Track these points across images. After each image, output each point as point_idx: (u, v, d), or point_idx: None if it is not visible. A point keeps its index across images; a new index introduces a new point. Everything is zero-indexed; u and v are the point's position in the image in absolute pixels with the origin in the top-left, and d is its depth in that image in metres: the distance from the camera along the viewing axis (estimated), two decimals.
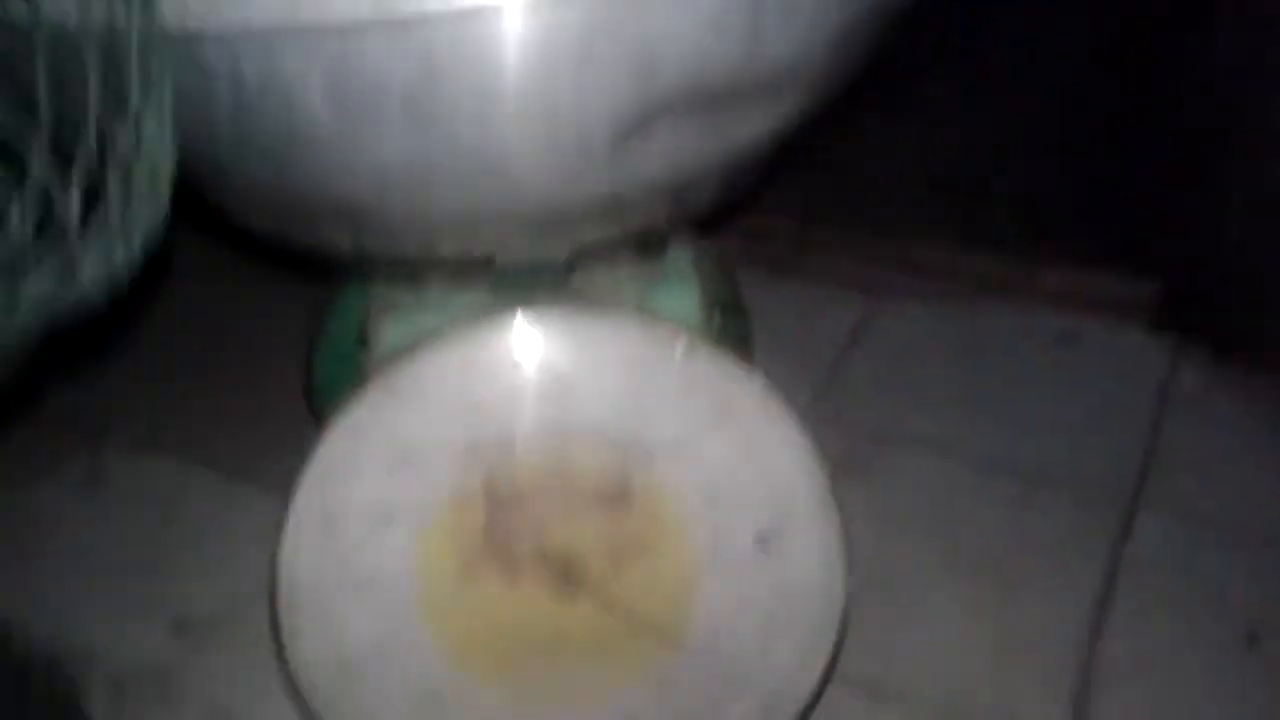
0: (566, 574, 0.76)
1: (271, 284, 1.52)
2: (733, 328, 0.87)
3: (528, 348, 0.72)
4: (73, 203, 0.44)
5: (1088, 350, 1.42)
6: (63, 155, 0.44)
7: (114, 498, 1.25)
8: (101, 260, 0.47)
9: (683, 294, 0.77)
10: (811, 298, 1.54)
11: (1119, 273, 1.52)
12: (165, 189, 0.48)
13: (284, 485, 0.73)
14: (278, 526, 0.72)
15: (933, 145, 1.80)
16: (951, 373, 1.39)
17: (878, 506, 1.16)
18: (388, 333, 0.74)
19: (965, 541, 1.14)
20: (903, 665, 1.01)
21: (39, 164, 0.43)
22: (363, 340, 0.75)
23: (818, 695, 0.80)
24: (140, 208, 0.48)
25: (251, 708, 0.99)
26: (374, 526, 0.74)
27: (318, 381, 0.87)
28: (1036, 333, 1.45)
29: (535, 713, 0.79)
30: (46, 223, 0.44)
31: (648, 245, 0.80)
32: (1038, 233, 1.62)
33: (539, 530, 0.76)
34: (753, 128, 0.66)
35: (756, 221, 1.59)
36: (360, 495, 0.73)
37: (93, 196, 0.46)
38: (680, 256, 0.84)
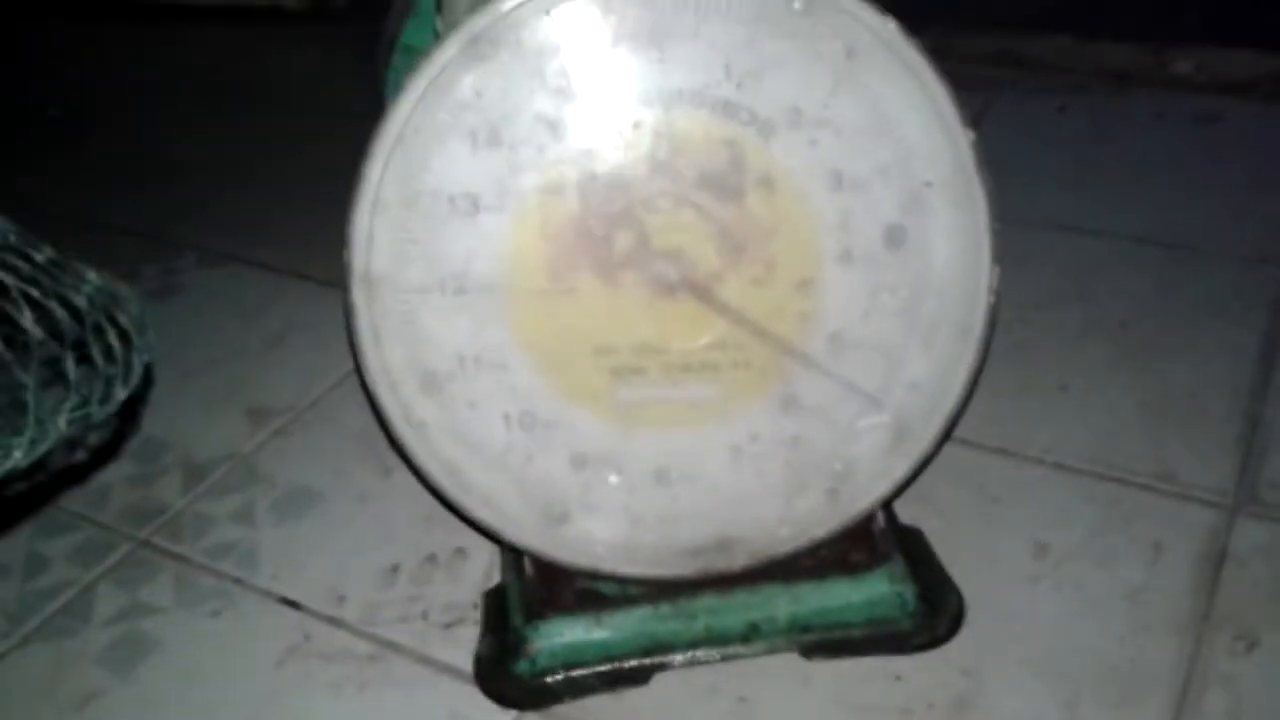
0: (671, 273, 0.67)
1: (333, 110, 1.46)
2: None
3: None
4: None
5: (1232, 127, 1.29)
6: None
7: (190, 304, 1.19)
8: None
9: None
10: None
11: (1259, 52, 1.38)
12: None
13: None
14: (347, 207, 0.64)
15: None
16: (1084, 157, 1.27)
17: (1011, 284, 1.06)
18: None
19: (1108, 310, 1.03)
20: (1046, 428, 0.91)
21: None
22: (438, 1, 0.66)
23: (959, 414, 0.71)
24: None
25: (326, 483, 0.93)
26: (456, 214, 0.65)
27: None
28: (1172, 115, 1.32)
29: (639, 435, 0.70)
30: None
31: None
32: (1163, 18, 1.49)
33: (640, 222, 0.66)
34: None
35: None
36: (440, 176, 0.64)
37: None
38: None
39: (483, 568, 0.84)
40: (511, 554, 0.79)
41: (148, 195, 1.41)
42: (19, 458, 0.44)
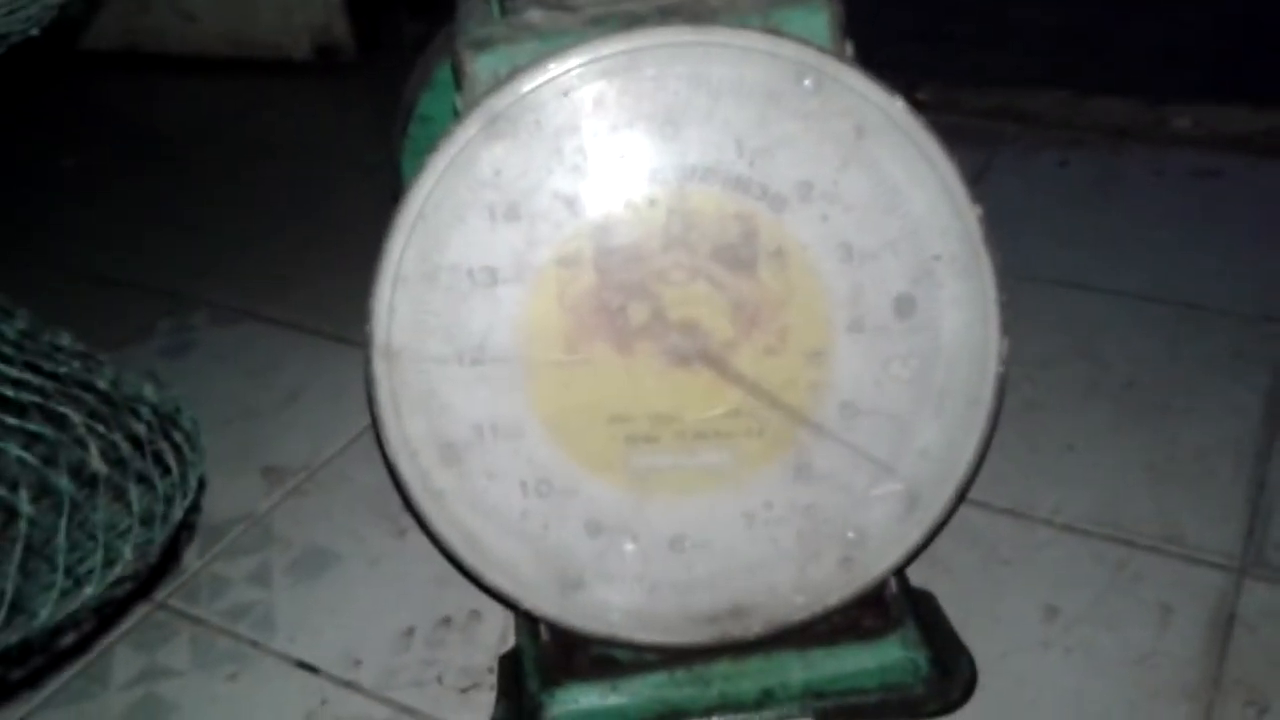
0: (685, 343, 0.68)
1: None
2: None
3: (640, 76, 0.64)
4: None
5: (1230, 182, 1.30)
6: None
7: (203, 361, 1.21)
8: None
9: (812, 12, 0.68)
10: None
11: (1256, 107, 1.41)
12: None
13: None
14: (370, 280, 0.65)
15: None
16: (1085, 213, 1.29)
17: (1016, 341, 1.07)
18: (484, 64, 0.67)
19: (1112, 368, 1.04)
20: (1054, 489, 0.92)
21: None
22: (457, 80, 0.67)
23: (970, 482, 0.72)
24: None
25: (341, 544, 0.94)
26: (475, 287, 0.66)
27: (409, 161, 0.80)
28: (1172, 170, 1.34)
29: (654, 503, 0.71)
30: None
31: None
32: (1163, 75, 1.52)
33: (654, 294, 0.68)
34: None
35: None
36: (460, 251, 0.66)
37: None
38: None
39: (497, 630, 0.85)
40: (527, 618, 0.79)
41: (160, 249, 1.42)
42: (89, 593, 0.46)
